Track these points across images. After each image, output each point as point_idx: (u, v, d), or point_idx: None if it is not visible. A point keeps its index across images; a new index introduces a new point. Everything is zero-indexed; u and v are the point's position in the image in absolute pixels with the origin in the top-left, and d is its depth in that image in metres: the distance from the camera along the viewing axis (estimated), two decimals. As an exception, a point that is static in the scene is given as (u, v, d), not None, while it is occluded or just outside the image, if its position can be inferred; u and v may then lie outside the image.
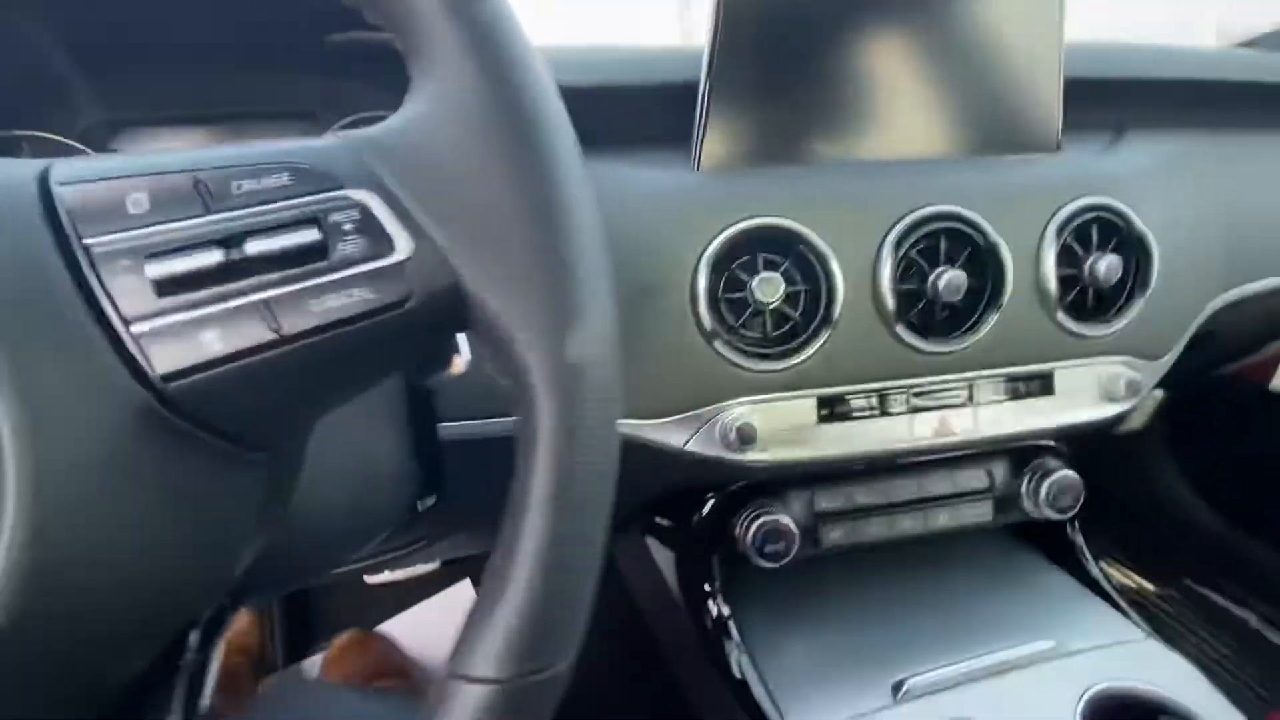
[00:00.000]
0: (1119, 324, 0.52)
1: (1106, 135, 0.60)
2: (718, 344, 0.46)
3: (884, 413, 0.50)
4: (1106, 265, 0.49)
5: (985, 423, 0.52)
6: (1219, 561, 0.95)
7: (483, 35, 0.21)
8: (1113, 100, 0.61)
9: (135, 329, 0.18)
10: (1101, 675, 0.50)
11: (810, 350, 0.47)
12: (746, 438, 0.47)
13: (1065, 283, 0.51)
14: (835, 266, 0.46)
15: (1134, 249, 0.52)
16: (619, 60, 0.53)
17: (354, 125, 0.58)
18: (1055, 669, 0.51)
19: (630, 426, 0.47)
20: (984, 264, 0.49)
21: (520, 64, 0.21)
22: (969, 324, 0.50)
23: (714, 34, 0.46)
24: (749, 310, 0.47)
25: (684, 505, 0.60)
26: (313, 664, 0.96)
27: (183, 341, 0.18)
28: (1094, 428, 0.54)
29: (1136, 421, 0.66)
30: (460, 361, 0.34)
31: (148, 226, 0.18)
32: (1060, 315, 0.51)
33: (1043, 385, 0.52)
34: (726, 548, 0.56)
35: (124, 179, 0.19)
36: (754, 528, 0.52)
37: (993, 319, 0.49)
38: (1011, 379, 0.52)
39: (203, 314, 0.18)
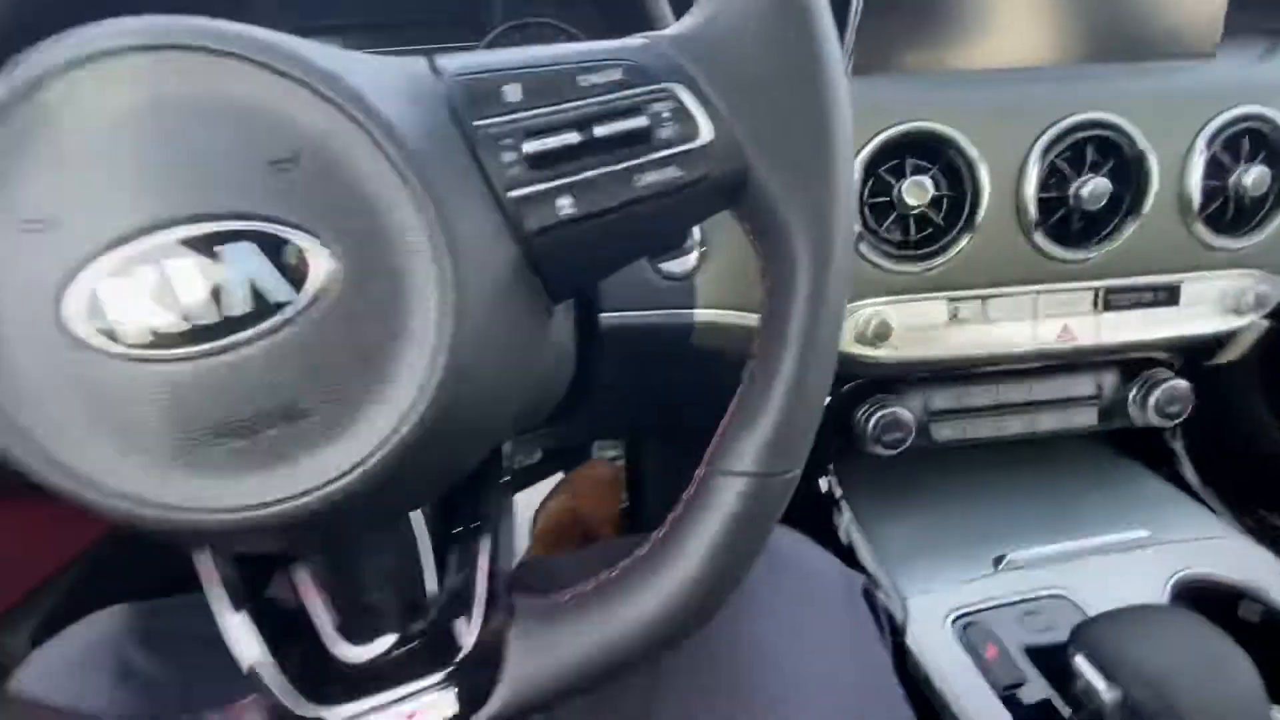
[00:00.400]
0: (1257, 237, 0.53)
1: (1262, 41, 0.58)
2: (862, 246, 0.50)
3: (1012, 317, 0.53)
4: (1255, 177, 0.50)
5: (1108, 329, 0.54)
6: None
7: None
8: (1270, 4, 0.59)
9: (511, 194, 0.23)
10: (1191, 563, 0.55)
11: (950, 254, 0.50)
12: (881, 334, 0.51)
13: (1208, 194, 0.51)
14: (983, 172, 0.48)
15: (1283, 160, 0.52)
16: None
17: (516, 30, 0.60)
18: (1148, 555, 0.55)
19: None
20: (1128, 172, 0.51)
21: None
22: (1106, 232, 0.51)
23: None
24: (894, 214, 0.50)
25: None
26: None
27: (545, 206, 0.23)
28: (1216, 340, 0.56)
29: (1236, 351, 0.67)
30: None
31: (521, 112, 0.23)
32: (1198, 226, 0.52)
33: (1169, 295, 0.54)
34: (840, 438, 0.62)
35: (500, 72, 0.23)
36: (875, 418, 0.57)
37: (1130, 228, 0.51)
38: (1138, 288, 0.54)
39: (560, 184, 0.23)
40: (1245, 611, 0.54)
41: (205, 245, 0.19)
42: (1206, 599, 0.54)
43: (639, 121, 0.24)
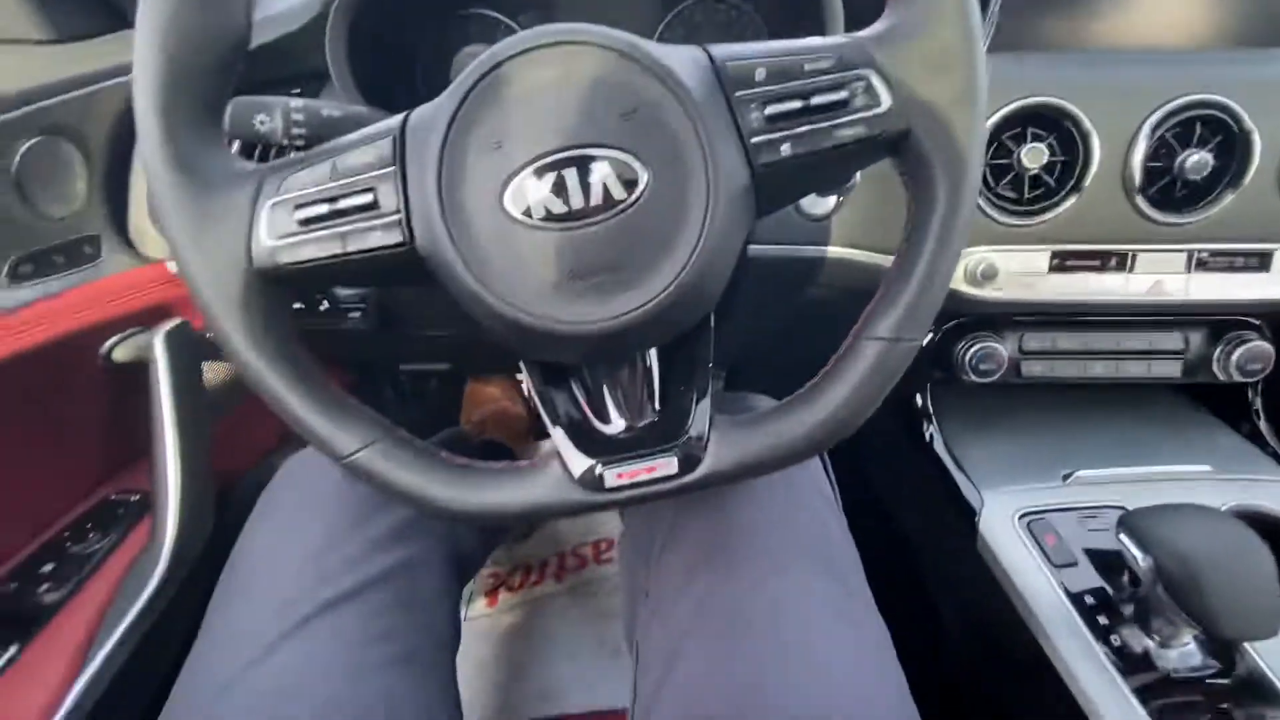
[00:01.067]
0: (1353, 214, 0.58)
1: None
2: (980, 201, 0.60)
3: (1107, 269, 0.62)
4: (1357, 157, 0.56)
5: (1198, 288, 0.62)
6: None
7: None
8: None
9: (752, 141, 0.35)
10: (1246, 497, 0.62)
11: (1056, 212, 0.59)
12: (988, 275, 0.61)
13: (1308, 171, 0.58)
14: (1095, 143, 0.57)
15: (1390, 144, 0.57)
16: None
17: (699, 4, 0.71)
18: (1206, 486, 0.64)
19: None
20: (1232, 148, 0.57)
21: (974, 6, 0.35)
22: (1205, 201, 0.59)
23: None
24: (1010, 174, 0.59)
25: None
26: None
27: (772, 149, 0.36)
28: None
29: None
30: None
31: (764, 86, 0.36)
32: (1296, 200, 0.58)
33: (1261, 261, 0.61)
34: (939, 370, 0.73)
35: (752, 60, 0.36)
36: (972, 351, 0.68)
37: (1228, 198, 0.58)
38: (1231, 253, 0.61)
39: (785, 134, 0.36)
40: (1293, 542, 0.61)
41: (582, 161, 0.33)
42: (1256, 527, 0.61)
43: (841, 95, 0.36)
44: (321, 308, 0.70)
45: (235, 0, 0.34)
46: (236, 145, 0.61)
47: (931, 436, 0.72)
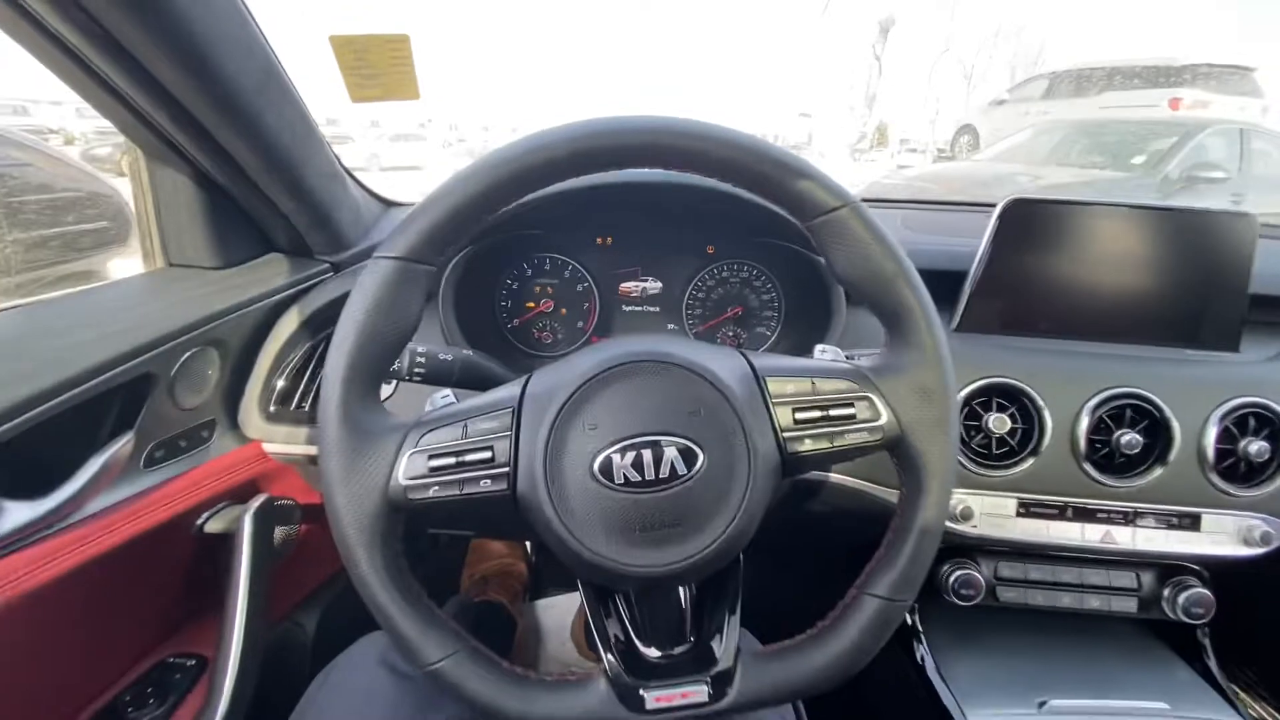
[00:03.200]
0: (1263, 490, 0.71)
1: (1284, 340, 0.78)
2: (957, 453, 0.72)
3: (1065, 518, 0.73)
4: (1257, 448, 0.69)
5: (1141, 540, 0.73)
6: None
7: (937, 333, 0.48)
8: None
9: (783, 434, 0.47)
10: (1203, 739, 0.69)
11: (1019, 469, 0.72)
12: (966, 514, 0.72)
13: (1221, 454, 0.71)
14: (1048, 417, 0.71)
15: (1283, 439, 0.70)
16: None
17: (727, 263, 0.88)
18: (1165, 724, 0.70)
19: (886, 495, 0.74)
20: (1158, 430, 0.71)
21: (949, 358, 0.48)
22: (1139, 470, 0.71)
23: (986, 247, 0.73)
24: (980, 434, 0.72)
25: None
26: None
27: (799, 442, 0.47)
28: (1231, 563, 0.73)
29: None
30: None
31: (794, 398, 0.48)
32: (1213, 476, 0.71)
33: (1192, 522, 0.72)
34: (926, 586, 0.81)
35: (785, 375, 0.49)
36: (955, 576, 0.77)
37: (1158, 470, 0.71)
38: (1167, 514, 0.72)
39: (808, 433, 0.48)
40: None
41: (655, 445, 0.44)
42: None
43: (850, 410, 0.48)
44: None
45: (412, 310, 0.47)
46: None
47: (923, 658, 0.79)
